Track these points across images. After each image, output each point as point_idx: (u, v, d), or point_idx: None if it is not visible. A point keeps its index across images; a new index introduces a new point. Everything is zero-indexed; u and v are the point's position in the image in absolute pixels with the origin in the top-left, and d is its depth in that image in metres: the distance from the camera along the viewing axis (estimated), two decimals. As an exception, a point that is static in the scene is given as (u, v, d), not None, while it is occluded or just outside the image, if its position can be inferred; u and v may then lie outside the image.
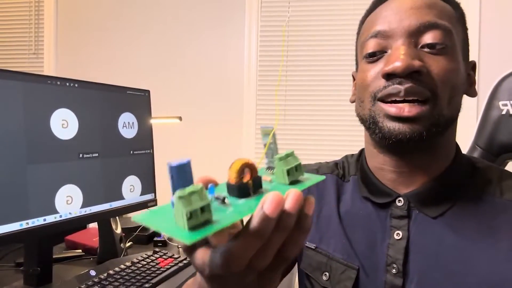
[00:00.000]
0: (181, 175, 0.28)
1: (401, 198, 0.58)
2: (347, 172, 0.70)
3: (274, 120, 2.25)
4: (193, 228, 0.26)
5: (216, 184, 0.32)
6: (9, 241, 0.79)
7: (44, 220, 0.84)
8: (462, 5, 0.60)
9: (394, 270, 0.56)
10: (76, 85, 0.92)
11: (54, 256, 0.98)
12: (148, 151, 1.14)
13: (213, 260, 0.30)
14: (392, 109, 0.53)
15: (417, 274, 0.55)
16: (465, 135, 0.97)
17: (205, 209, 0.27)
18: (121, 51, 2.41)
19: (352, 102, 0.66)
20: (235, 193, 0.30)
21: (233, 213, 0.28)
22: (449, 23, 0.55)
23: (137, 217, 0.28)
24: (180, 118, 1.61)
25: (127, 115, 1.06)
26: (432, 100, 0.52)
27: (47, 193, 0.85)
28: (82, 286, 0.82)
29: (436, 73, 0.52)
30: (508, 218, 0.54)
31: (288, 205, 0.27)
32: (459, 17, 0.58)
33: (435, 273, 0.54)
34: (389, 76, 0.53)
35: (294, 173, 0.32)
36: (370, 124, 0.57)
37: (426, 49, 0.53)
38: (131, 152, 1.07)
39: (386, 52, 0.56)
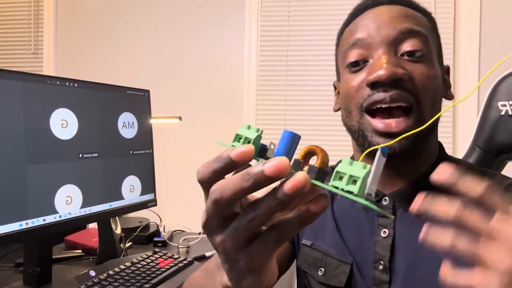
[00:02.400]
0: (289, 142, 0.30)
1: (386, 198, 0.61)
2: None
3: (274, 120, 2.25)
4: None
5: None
6: (9, 241, 0.79)
7: (44, 220, 0.84)
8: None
9: (381, 267, 0.58)
10: (75, 85, 0.92)
11: (53, 256, 0.98)
12: (148, 151, 1.14)
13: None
14: (380, 124, 0.55)
15: (402, 270, 0.57)
16: (465, 135, 0.97)
17: (251, 141, 0.30)
18: (121, 51, 2.41)
19: (336, 111, 0.68)
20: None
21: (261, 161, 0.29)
22: (425, 30, 0.58)
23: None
24: (180, 118, 1.61)
25: (127, 115, 1.07)
26: (416, 109, 0.55)
27: (46, 193, 0.85)
28: (82, 287, 0.82)
29: (418, 79, 0.55)
30: None
31: (287, 184, 0.26)
32: (432, 26, 0.62)
33: (419, 268, 0.56)
34: (373, 85, 0.55)
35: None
36: (358, 136, 0.59)
37: (405, 57, 0.56)
38: (131, 152, 1.07)
39: (368, 61, 0.58)
